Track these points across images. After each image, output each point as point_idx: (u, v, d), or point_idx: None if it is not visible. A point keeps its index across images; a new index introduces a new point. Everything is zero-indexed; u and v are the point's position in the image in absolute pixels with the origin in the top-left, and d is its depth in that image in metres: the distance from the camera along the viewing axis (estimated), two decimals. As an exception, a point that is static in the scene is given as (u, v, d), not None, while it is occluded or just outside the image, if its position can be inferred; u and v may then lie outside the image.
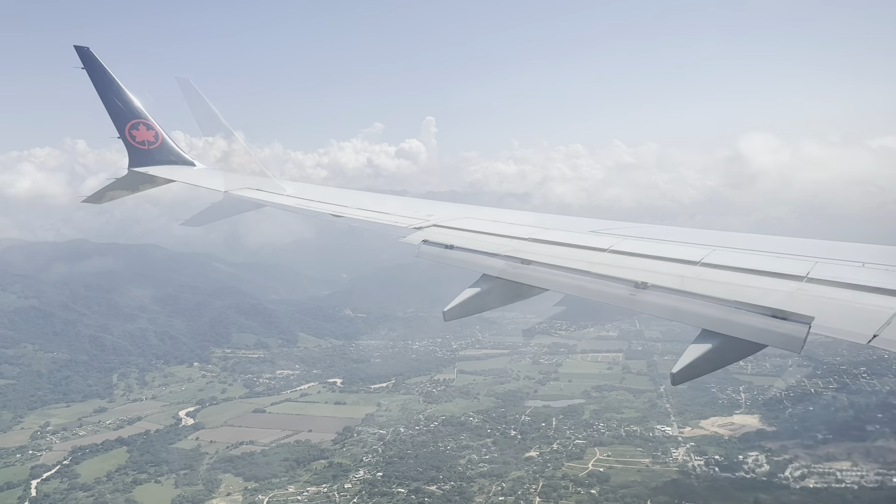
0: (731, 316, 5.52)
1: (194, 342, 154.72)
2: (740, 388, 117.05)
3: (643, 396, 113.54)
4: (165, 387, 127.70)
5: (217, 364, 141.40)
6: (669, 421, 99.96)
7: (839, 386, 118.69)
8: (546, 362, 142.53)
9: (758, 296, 5.60)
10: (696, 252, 6.93)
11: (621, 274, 6.76)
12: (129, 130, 15.82)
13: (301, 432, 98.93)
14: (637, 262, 7.11)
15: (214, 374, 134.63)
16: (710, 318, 5.65)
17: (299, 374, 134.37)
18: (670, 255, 7.08)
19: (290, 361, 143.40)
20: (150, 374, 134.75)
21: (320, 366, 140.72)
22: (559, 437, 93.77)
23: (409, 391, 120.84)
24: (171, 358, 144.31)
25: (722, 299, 5.76)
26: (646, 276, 6.52)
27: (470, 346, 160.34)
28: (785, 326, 5.12)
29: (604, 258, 7.34)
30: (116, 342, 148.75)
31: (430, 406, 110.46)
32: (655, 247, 7.49)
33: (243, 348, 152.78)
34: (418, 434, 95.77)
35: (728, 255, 6.78)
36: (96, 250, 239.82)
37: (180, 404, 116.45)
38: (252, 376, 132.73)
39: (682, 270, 6.55)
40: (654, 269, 6.77)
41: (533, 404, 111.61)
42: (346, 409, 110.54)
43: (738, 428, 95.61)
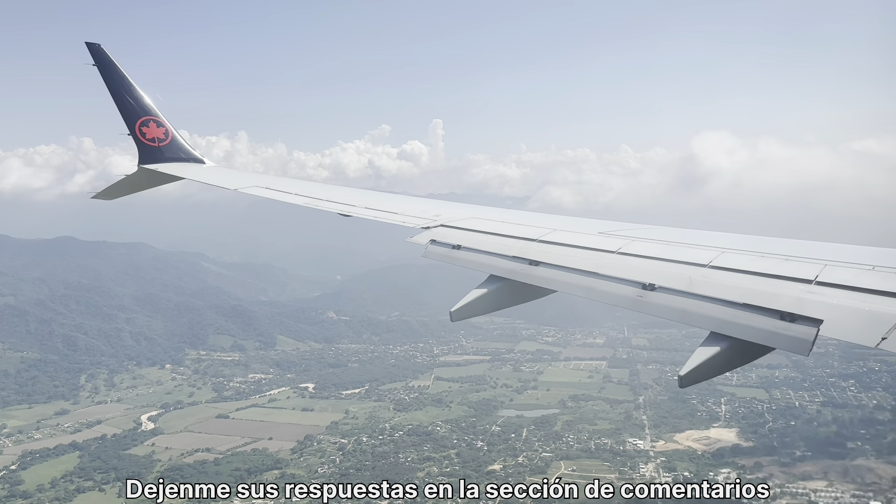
0: (740, 318, 5.48)
1: (170, 343, 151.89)
2: (722, 399, 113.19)
3: (620, 407, 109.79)
4: (133, 389, 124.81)
5: (189, 366, 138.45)
6: (643, 434, 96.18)
7: (825, 400, 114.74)
8: (527, 370, 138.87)
9: (766, 299, 5.57)
10: (705, 254, 6.87)
11: (630, 275, 6.72)
12: (140, 127, 15.80)
13: (261, 440, 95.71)
14: (646, 264, 6.98)
15: (185, 377, 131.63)
16: (719, 321, 5.58)
17: (272, 379, 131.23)
18: (679, 258, 6.94)
19: (265, 365, 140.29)
20: (120, 375, 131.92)
21: (295, 370, 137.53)
22: (526, 450, 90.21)
23: (381, 398, 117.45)
24: (143, 359, 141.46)
25: (730, 302, 5.71)
26: (654, 277, 6.47)
27: (452, 351, 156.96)
28: (793, 329, 5.11)
29: (612, 260, 7.26)
30: (90, 342, 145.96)
31: (400, 414, 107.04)
32: (664, 249, 7.33)
33: (219, 350, 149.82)
34: (380, 444, 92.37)
35: (737, 258, 6.67)
36: (83, 248, 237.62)
37: (144, 408, 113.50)
38: (223, 380, 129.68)
39: (690, 273, 6.46)
40: (663, 270, 6.69)
41: (506, 414, 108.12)
42: (312, 417, 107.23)
43: (713, 443, 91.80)
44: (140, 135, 15.88)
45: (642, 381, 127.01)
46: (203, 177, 15.57)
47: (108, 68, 15.04)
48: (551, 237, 8.37)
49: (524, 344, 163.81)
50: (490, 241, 8.71)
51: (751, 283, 5.97)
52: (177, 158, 16.43)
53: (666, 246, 7.41)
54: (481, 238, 8.87)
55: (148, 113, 15.89)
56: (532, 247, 8.11)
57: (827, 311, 5.14)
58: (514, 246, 8.22)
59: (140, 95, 15.70)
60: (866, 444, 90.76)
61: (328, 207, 11.72)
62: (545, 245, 8.11)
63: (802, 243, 7.10)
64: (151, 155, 16.16)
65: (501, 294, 7.58)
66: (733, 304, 5.65)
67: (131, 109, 15.61)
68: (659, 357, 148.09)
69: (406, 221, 10.30)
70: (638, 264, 6.99)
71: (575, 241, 8.09)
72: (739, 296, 5.73)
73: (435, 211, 10.68)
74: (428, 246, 8.97)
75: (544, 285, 7.32)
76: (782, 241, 7.36)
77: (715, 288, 5.99)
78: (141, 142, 15.99)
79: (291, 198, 12.72)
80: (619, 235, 8.16)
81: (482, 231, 9.17)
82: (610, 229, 8.56)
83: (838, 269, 5.94)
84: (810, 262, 6.22)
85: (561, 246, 8.04)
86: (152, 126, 15.98)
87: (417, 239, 9.32)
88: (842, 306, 5.23)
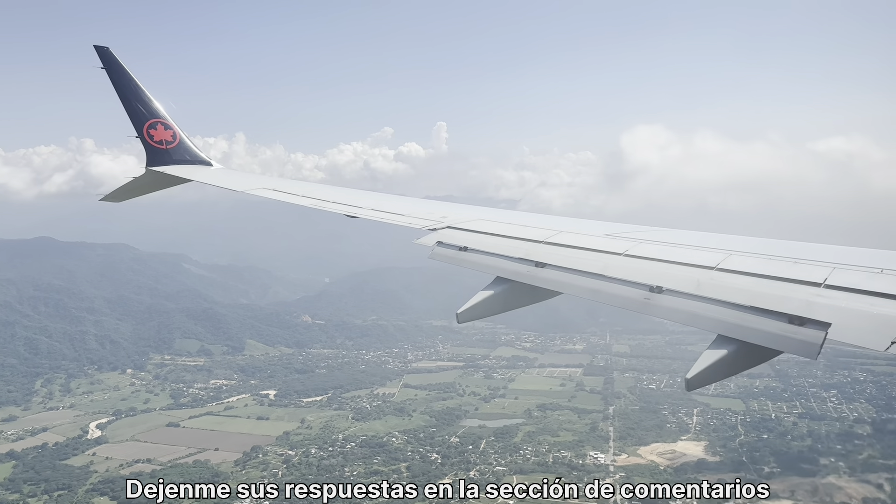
0: (748, 321, 5.48)
1: (135, 347, 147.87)
2: (695, 410, 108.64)
3: (588, 417, 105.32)
4: (88, 395, 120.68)
5: (151, 371, 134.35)
6: (606, 446, 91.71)
7: (804, 411, 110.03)
8: (499, 377, 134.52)
9: (775, 301, 5.53)
10: (712, 257, 6.77)
11: (637, 278, 6.63)
12: (147, 130, 15.94)
13: (207, 450, 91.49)
14: (653, 266, 6.91)
15: (144, 383, 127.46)
16: (726, 324, 5.57)
17: (234, 385, 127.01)
18: (687, 260, 6.85)
19: (229, 370, 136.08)
20: (78, 380, 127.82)
21: (260, 375, 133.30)
22: (481, 463, 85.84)
23: (342, 406, 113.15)
24: (105, 364, 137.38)
25: (738, 304, 5.66)
26: (662, 280, 6.39)
27: (426, 357, 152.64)
28: (802, 333, 5.11)
29: (619, 262, 7.22)
30: (52, 345, 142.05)
31: (357, 424, 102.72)
32: (672, 251, 7.25)
33: (184, 355, 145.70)
34: (329, 456, 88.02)
35: (745, 260, 6.58)
36: (61, 249, 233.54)
37: (96, 415, 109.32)
38: (183, 386, 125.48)
39: (698, 275, 6.39)
40: (671, 273, 6.58)
41: (468, 423, 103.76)
42: (265, 426, 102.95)
43: (678, 457, 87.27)
44: (148, 137, 15.99)
45: (616, 389, 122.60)
46: (210, 179, 15.62)
47: (117, 71, 15.20)
48: (558, 239, 8.35)
49: (501, 349, 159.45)
50: (496, 242, 8.70)
51: (759, 285, 5.96)
52: (184, 161, 16.49)
53: (673, 248, 7.42)
54: (488, 240, 8.86)
55: (156, 115, 16.03)
56: (538, 248, 8.10)
57: (835, 315, 5.13)
58: (521, 248, 8.21)
59: (148, 98, 15.83)
60: (840, 460, 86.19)
61: (334, 209, 11.80)
62: (552, 247, 8.09)
63: (811, 246, 7.00)
64: (159, 157, 16.24)
65: (508, 296, 7.56)
66: (741, 307, 5.64)
67: (139, 112, 15.73)
68: (638, 364, 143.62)
69: (412, 223, 10.23)
70: (645, 266, 6.99)
71: (581, 243, 8.05)
72: (747, 298, 5.71)
73: (441, 212, 10.64)
74: (434, 248, 8.94)
75: (551, 287, 7.31)
76: (791, 243, 7.24)
77: (723, 290, 5.99)
78: (149, 144, 16.08)
79: (297, 199, 12.78)
80: (625, 237, 8.12)
81: (489, 233, 9.14)
82: (617, 231, 8.52)
83: (847, 272, 5.91)
84: (819, 265, 6.17)
85: (567, 248, 8.00)
86: (160, 128, 16.12)
87: (424, 241, 9.27)
88: (850, 310, 5.21)
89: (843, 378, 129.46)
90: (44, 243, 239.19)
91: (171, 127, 16.32)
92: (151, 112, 15.95)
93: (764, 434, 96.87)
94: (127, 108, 15.59)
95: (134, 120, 15.80)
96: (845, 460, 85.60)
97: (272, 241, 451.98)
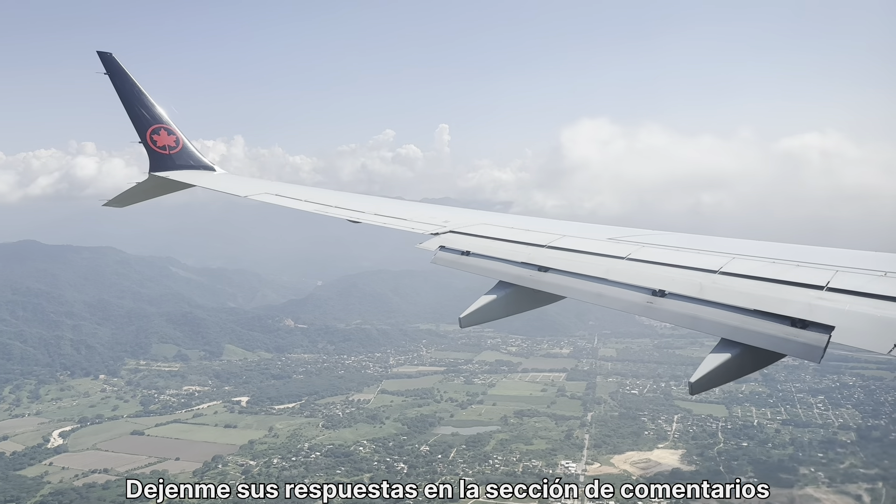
0: (750, 325, 5.48)
1: (111, 352, 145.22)
2: (676, 416, 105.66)
3: (565, 424, 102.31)
4: (57, 402, 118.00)
5: (124, 377, 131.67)
6: (579, 455, 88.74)
7: (788, 418, 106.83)
8: (480, 382, 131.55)
9: (777, 305, 5.52)
10: (715, 260, 6.73)
11: (640, 281, 6.63)
12: (150, 135, 15.87)
13: (167, 460, 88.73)
14: (656, 270, 6.87)
15: (115, 389, 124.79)
16: (729, 327, 5.56)
17: (207, 391, 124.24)
18: (689, 264, 6.83)
19: (205, 376, 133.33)
20: (48, 386, 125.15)
21: (235, 381, 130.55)
22: (448, 473, 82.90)
23: (314, 413, 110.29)
24: (78, 369, 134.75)
25: (741, 308, 5.66)
26: (664, 283, 6.40)
27: (408, 362, 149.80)
28: (804, 336, 5.11)
29: (622, 266, 7.20)
30: (26, 351, 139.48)
31: (326, 432, 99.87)
32: (674, 255, 7.22)
33: (161, 360, 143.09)
34: (291, 467, 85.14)
35: (747, 264, 6.53)
36: (46, 252, 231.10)
37: (61, 422, 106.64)
38: (155, 392, 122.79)
39: (700, 279, 6.35)
40: (673, 276, 6.60)
41: (441, 431, 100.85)
42: (231, 434, 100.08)
43: (652, 466, 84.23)
44: (151, 142, 15.89)
45: (598, 395, 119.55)
46: (213, 184, 15.54)
47: (120, 77, 15.16)
48: (560, 243, 8.30)
49: (486, 354, 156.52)
50: (499, 247, 8.64)
51: (761, 289, 5.93)
52: (187, 166, 16.40)
53: (676, 252, 7.36)
54: (490, 244, 8.83)
55: (159, 121, 15.91)
56: (541, 253, 8.07)
57: (838, 318, 5.12)
58: (523, 252, 8.18)
59: (151, 104, 15.76)
60: (820, 469, 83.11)
61: (338, 214, 11.88)
62: (554, 251, 8.06)
63: (813, 249, 6.98)
64: (162, 162, 16.11)
65: (510, 300, 7.53)
66: (744, 311, 5.63)
67: (142, 117, 15.65)
68: (623, 369, 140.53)
69: (415, 227, 10.24)
70: (648, 270, 6.94)
71: (584, 247, 7.98)
72: (750, 302, 5.68)
73: (444, 217, 10.65)
74: (437, 252, 8.94)
75: (553, 291, 7.27)
76: (793, 246, 7.19)
77: (725, 294, 5.96)
78: (152, 149, 15.97)
79: (301, 204, 12.82)
80: (628, 241, 8.08)
81: (491, 237, 9.13)
82: (619, 235, 8.49)
83: (849, 274, 5.88)
84: (821, 268, 6.15)
85: (570, 252, 7.96)
86: (163, 134, 16.02)
87: (426, 245, 9.26)
88: (853, 312, 5.20)
89: (832, 382, 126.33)
90: (28, 247, 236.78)
91: (174, 132, 16.26)
92: (154, 117, 15.88)
93: (744, 442, 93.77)
94: (130, 113, 15.53)
95: (137, 125, 15.71)
96: (826, 469, 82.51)
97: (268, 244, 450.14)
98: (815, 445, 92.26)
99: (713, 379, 5.30)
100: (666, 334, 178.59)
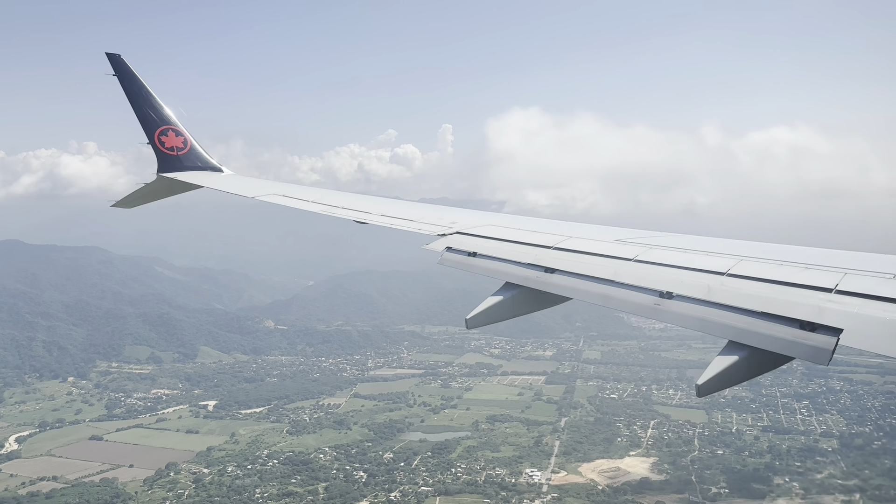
0: (758, 327, 5.41)
1: (83, 354, 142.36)
2: (652, 422, 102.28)
3: (536, 430, 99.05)
4: (20, 405, 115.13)
5: (93, 380, 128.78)
6: (546, 463, 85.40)
7: (769, 424, 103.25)
8: (457, 385, 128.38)
9: (785, 307, 5.45)
10: (723, 262, 6.63)
11: (647, 283, 6.55)
12: (159, 136, 15.86)
13: (120, 467, 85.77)
14: (663, 272, 6.78)
15: (83, 392, 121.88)
16: (737, 329, 5.51)
17: (176, 395, 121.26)
18: (697, 266, 6.71)
19: (175, 379, 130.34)
20: (13, 389, 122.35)
21: (206, 385, 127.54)
22: (407, 483, 79.66)
23: (280, 418, 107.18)
24: (47, 371, 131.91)
25: (749, 310, 5.60)
26: (672, 285, 6.30)
27: (387, 364, 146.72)
28: (813, 338, 5.04)
29: (629, 267, 7.08)
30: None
31: (289, 438, 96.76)
32: (682, 257, 7.14)
33: (133, 362, 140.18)
34: (245, 475, 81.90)
35: (755, 266, 6.43)
36: (28, 252, 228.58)
37: (21, 426, 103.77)
38: (122, 395, 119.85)
39: (708, 281, 6.27)
40: (681, 278, 6.50)
41: (409, 437, 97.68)
42: (192, 440, 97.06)
43: (621, 475, 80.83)
44: (159, 144, 15.93)
45: (575, 399, 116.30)
46: (221, 185, 15.64)
47: (128, 78, 15.19)
48: (567, 244, 8.25)
49: (468, 356, 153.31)
50: (506, 248, 8.57)
51: (770, 291, 5.92)
52: (195, 167, 16.47)
53: (683, 254, 7.32)
54: (497, 245, 8.73)
55: (167, 122, 15.95)
56: (548, 254, 8.02)
57: (847, 321, 5.08)
58: (530, 253, 8.11)
59: (159, 105, 15.78)
60: (796, 479, 79.76)
61: (344, 215, 11.93)
62: (561, 252, 8.00)
63: (822, 251, 6.96)
64: (170, 163, 16.17)
65: (517, 302, 7.47)
66: (752, 313, 5.59)
67: (150, 119, 15.64)
68: (605, 372, 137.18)
69: (422, 229, 10.14)
70: (655, 272, 6.87)
71: (591, 249, 7.95)
72: (758, 304, 5.66)
73: (451, 218, 10.56)
74: (444, 253, 8.87)
75: (560, 293, 7.19)
76: (802, 248, 7.14)
77: (733, 296, 5.94)
78: (160, 150, 16.03)
79: (307, 205, 12.85)
80: (635, 243, 8.04)
81: (498, 238, 9.02)
82: (627, 236, 8.39)
83: (859, 277, 5.85)
84: (830, 271, 6.10)
85: (577, 253, 7.91)
86: (171, 135, 16.03)
87: (433, 246, 9.19)
88: (862, 315, 5.16)
89: (819, 387, 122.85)
90: (10, 247, 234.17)
91: (182, 133, 16.24)
92: (163, 118, 15.82)
93: (720, 449, 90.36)
94: (138, 114, 15.46)
95: (145, 126, 15.60)
96: (801, 480, 79.14)
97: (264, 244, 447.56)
98: (793, 454, 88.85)
99: (721, 381, 5.25)
100: (654, 336, 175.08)
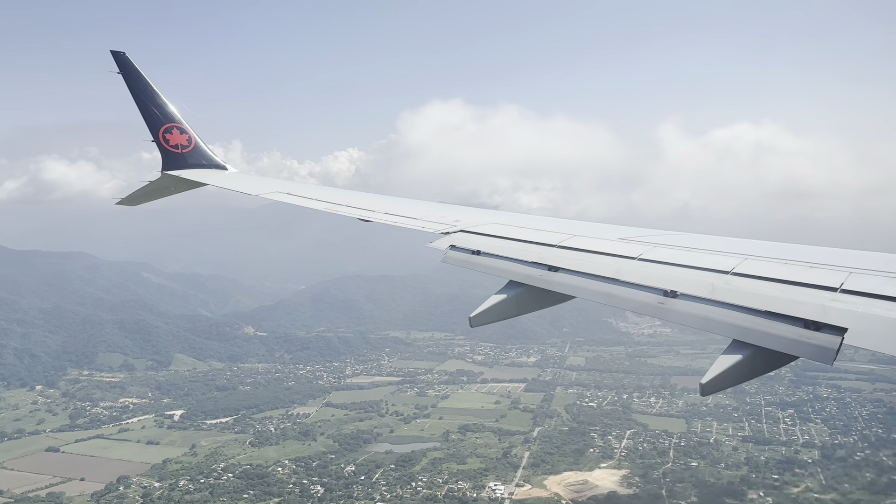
0: (763, 326, 5.43)
1: (55, 362, 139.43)
2: (628, 432, 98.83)
3: (508, 440, 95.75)
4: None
5: (61, 388, 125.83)
6: (512, 476, 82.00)
7: (750, 434, 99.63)
8: (434, 394, 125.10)
9: (790, 306, 5.46)
10: (727, 261, 6.69)
11: (651, 282, 6.56)
12: (163, 134, 15.84)
13: (71, 481, 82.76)
14: (667, 271, 6.82)
15: (49, 401, 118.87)
16: (741, 329, 5.52)
17: (143, 404, 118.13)
18: (701, 264, 6.76)
19: (146, 388, 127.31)
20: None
21: (176, 393, 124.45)
22: (364, 497, 76.41)
23: (245, 429, 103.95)
24: (15, 380, 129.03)
25: (753, 309, 5.62)
26: (676, 284, 6.32)
27: (365, 371, 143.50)
28: (817, 338, 5.05)
29: (633, 266, 7.11)
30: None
31: (250, 450, 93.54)
32: (686, 255, 7.18)
33: (105, 370, 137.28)
34: (197, 490, 78.73)
35: (760, 265, 6.47)
36: (11, 258, 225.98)
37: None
38: (89, 405, 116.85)
39: (712, 279, 6.29)
40: (685, 277, 6.53)
41: (375, 449, 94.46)
42: (150, 452, 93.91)
43: (588, 489, 77.41)
44: (164, 141, 15.88)
45: (553, 407, 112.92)
46: (225, 182, 15.56)
47: (133, 76, 15.08)
48: (571, 243, 8.25)
49: (449, 363, 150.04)
50: (510, 246, 8.59)
51: (774, 290, 5.90)
52: (199, 165, 16.37)
53: (688, 252, 7.31)
54: (501, 243, 8.74)
55: (171, 120, 15.89)
56: (552, 252, 8.01)
57: (852, 320, 5.09)
58: (534, 251, 8.12)
59: (164, 103, 15.75)
60: (770, 493, 76.17)
61: (348, 213, 11.82)
62: (565, 251, 8.00)
63: (827, 250, 6.92)
64: (175, 161, 16.07)
65: (520, 300, 7.46)
66: (756, 312, 5.59)
67: (155, 116, 15.59)
68: (587, 379, 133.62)
69: (426, 227, 10.15)
70: (659, 271, 6.88)
71: (595, 247, 7.92)
72: (762, 303, 5.64)
73: (455, 216, 10.50)
74: (447, 251, 8.82)
75: (564, 291, 7.21)
76: (807, 247, 7.10)
77: (737, 295, 5.93)
78: (164, 148, 15.92)
79: (311, 203, 12.77)
80: (640, 241, 8.03)
81: (502, 236, 9.02)
82: (631, 235, 8.40)
83: (863, 276, 5.83)
84: (835, 270, 6.09)
85: (581, 252, 7.89)
86: (175, 133, 15.98)
87: (437, 244, 9.19)
88: (867, 315, 5.16)
89: (805, 395, 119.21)
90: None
91: (187, 131, 16.18)
92: (167, 116, 15.78)
93: (695, 461, 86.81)
94: (143, 112, 15.41)
95: (150, 124, 15.57)
96: (776, 494, 75.58)
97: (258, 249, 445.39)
98: (771, 466, 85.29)
99: (724, 380, 5.21)
100: (642, 342, 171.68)
